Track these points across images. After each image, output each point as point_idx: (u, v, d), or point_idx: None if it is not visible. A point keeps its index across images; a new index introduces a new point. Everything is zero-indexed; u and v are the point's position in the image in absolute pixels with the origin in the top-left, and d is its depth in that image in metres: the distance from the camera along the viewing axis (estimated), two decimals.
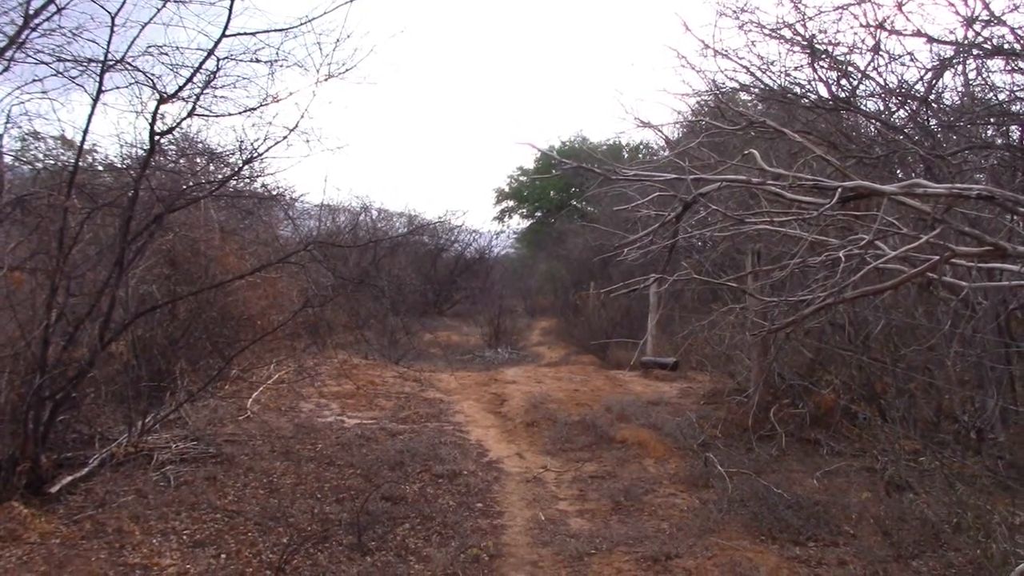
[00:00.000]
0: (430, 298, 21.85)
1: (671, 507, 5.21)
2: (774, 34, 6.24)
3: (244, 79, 5.24)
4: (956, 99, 6.42)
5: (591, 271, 17.80)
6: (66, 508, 4.47)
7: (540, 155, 29.64)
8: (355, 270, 14.46)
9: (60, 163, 6.04)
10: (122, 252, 4.95)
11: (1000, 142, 6.08)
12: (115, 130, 11.27)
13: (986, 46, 5.47)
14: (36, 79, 4.90)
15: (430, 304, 21.70)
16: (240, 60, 5.10)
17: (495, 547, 4.41)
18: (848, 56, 6.26)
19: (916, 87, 6.22)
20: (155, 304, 6.05)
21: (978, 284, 3.71)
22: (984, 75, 6.05)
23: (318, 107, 11.48)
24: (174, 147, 6.73)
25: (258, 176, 7.31)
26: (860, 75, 6.30)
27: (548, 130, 49.09)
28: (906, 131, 6.18)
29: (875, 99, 6.68)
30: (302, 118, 5.35)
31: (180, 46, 4.98)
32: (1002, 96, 6.01)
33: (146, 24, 4.79)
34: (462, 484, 5.61)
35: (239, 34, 5.00)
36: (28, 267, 5.14)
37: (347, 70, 5.36)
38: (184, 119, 5.15)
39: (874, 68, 6.19)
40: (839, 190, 2.66)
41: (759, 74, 6.59)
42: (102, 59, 4.76)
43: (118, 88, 5.01)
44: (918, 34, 5.57)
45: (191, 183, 6.29)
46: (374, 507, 4.83)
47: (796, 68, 6.53)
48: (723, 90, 6.99)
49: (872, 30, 5.81)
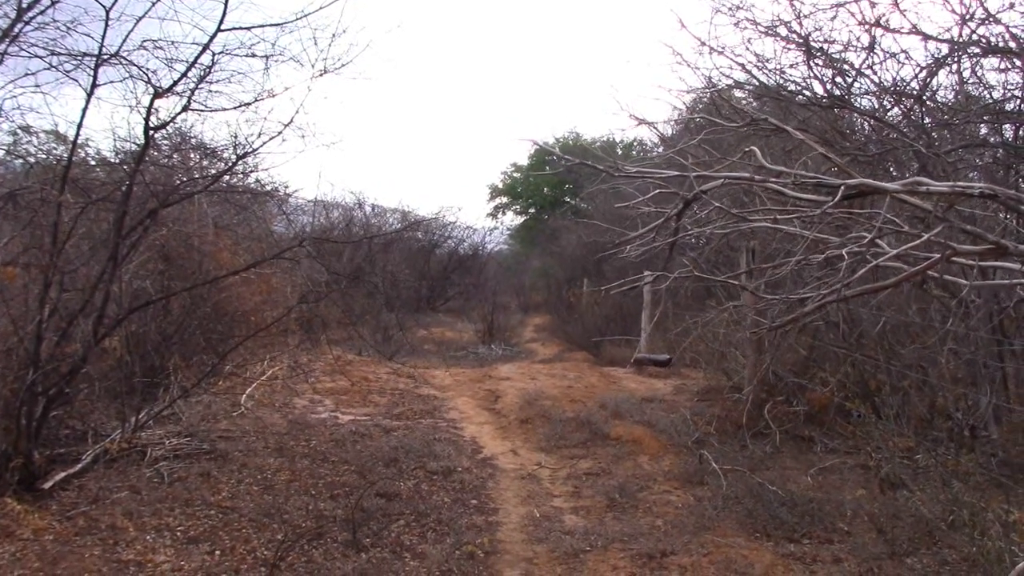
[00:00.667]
0: (424, 294, 21.83)
1: (666, 504, 5.22)
2: (770, 31, 6.24)
3: (239, 74, 5.24)
4: (950, 97, 6.43)
5: (585, 268, 17.81)
6: (59, 504, 4.44)
7: (534, 151, 29.64)
8: (349, 266, 14.41)
9: (52, 157, 6.00)
10: (116, 247, 4.92)
11: (994, 140, 6.10)
12: (109, 124, 11.16)
13: (982, 44, 5.48)
14: (29, 73, 4.88)
15: (424, 300, 21.68)
16: (235, 55, 5.10)
17: (490, 544, 4.41)
18: (843, 54, 6.27)
19: (911, 85, 6.23)
20: (149, 300, 6.02)
21: (980, 283, 3.71)
22: (979, 73, 6.08)
23: (313, 102, 11.42)
24: (167, 142, 6.69)
25: (252, 171, 7.29)
26: (855, 73, 6.31)
27: (542, 126, 49.21)
28: (901, 129, 6.19)
29: (870, 97, 6.69)
30: (297, 113, 5.35)
31: (175, 40, 4.97)
32: (996, 94, 6.03)
33: (141, 18, 4.78)
34: (457, 481, 5.61)
35: (234, 28, 4.99)
36: (21, 262, 5.11)
37: (343, 65, 5.35)
38: (179, 114, 5.15)
39: (869, 66, 6.20)
40: (842, 188, 2.65)
41: (755, 71, 6.60)
42: (96, 53, 4.74)
43: (112, 82, 4.99)
44: (914, 32, 5.57)
45: (185, 178, 6.26)
46: (369, 504, 4.82)
47: (791, 65, 6.52)
48: (719, 87, 6.98)
49: (868, 28, 5.81)
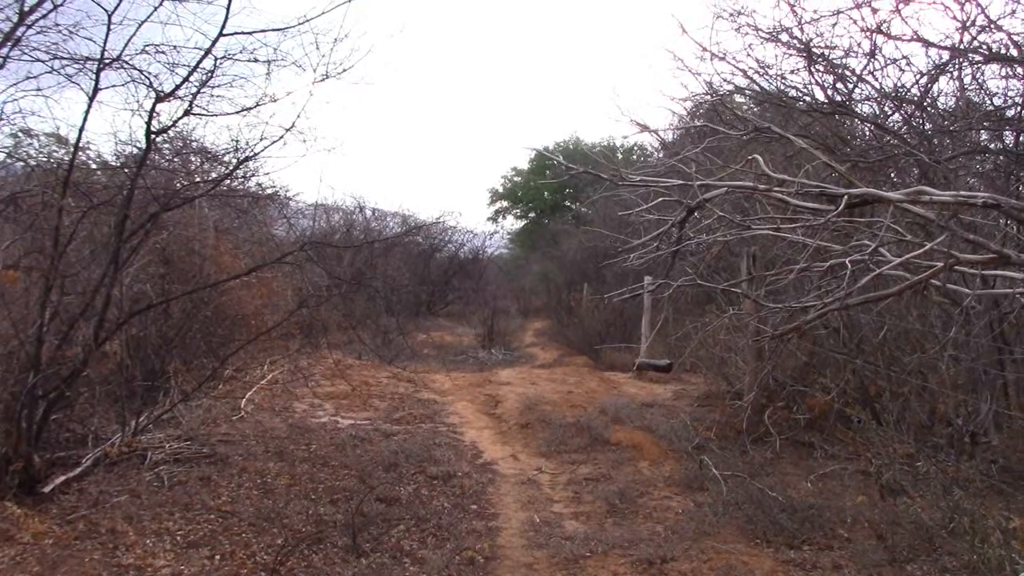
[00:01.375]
0: (424, 298, 21.83)
1: (666, 510, 5.21)
2: (771, 37, 6.26)
3: (241, 78, 5.24)
4: (951, 103, 6.45)
5: (585, 272, 17.81)
6: (59, 508, 4.43)
7: (534, 156, 29.70)
8: (349, 270, 14.41)
9: (54, 161, 6.00)
10: (117, 251, 4.92)
11: (995, 146, 6.11)
12: (111, 128, 11.18)
13: (983, 51, 5.49)
14: (31, 76, 4.88)
15: (424, 304, 21.68)
16: (237, 59, 5.09)
17: (490, 549, 4.40)
18: (844, 60, 6.29)
19: (912, 91, 6.25)
20: (149, 303, 6.02)
21: (982, 292, 3.72)
22: (980, 80, 6.09)
23: (315, 107, 11.42)
24: (169, 146, 6.70)
25: (253, 175, 7.30)
26: (856, 79, 6.32)
27: (542, 131, 49.26)
28: (902, 135, 6.20)
29: (871, 103, 6.71)
30: (298, 118, 5.35)
31: (177, 45, 4.97)
32: (997, 101, 6.05)
33: (143, 22, 4.78)
34: (457, 486, 5.60)
35: (236, 33, 4.99)
36: (22, 266, 5.12)
37: (344, 70, 5.35)
38: (180, 118, 5.14)
39: (870, 72, 6.22)
40: (845, 197, 2.65)
41: (756, 77, 6.62)
42: (99, 57, 4.74)
43: (114, 86, 4.98)
44: (915, 38, 5.59)
45: (186, 182, 6.27)
46: (369, 508, 4.81)
47: (793, 71, 6.55)
48: (720, 93, 7.00)
49: (869, 34, 5.83)
